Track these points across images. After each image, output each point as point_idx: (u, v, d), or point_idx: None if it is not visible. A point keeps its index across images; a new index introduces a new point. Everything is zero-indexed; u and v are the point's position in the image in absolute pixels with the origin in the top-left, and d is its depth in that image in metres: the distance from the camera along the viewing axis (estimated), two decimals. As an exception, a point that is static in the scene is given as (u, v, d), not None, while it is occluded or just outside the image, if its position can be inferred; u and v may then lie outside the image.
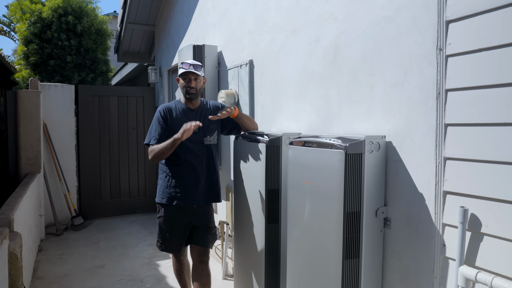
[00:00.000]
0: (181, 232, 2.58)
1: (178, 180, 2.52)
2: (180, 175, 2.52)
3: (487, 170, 1.46)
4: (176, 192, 2.51)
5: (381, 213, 1.85)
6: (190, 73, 2.49)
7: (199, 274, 2.59)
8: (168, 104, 2.62)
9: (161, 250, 2.65)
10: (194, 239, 2.59)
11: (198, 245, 2.58)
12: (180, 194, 2.51)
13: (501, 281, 1.35)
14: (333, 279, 1.80)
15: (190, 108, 2.59)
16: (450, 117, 1.59)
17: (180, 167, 2.52)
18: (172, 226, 2.57)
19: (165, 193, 2.55)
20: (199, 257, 2.59)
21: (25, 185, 3.79)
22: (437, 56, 1.62)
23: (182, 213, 2.55)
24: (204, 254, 2.61)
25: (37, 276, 3.62)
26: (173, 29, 5.36)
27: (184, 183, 2.51)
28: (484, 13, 1.45)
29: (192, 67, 2.49)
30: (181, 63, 2.54)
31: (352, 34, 2.08)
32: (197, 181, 2.53)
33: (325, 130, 2.31)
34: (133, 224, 5.50)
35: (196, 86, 2.52)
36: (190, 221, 2.57)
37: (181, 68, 2.53)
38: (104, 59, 6.47)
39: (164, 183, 2.56)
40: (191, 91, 2.51)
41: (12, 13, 6.19)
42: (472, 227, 1.52)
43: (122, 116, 5.97)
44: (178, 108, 2.57)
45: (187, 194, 2.51)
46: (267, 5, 2.93)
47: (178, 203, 2.51)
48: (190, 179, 2.52)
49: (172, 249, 2.63)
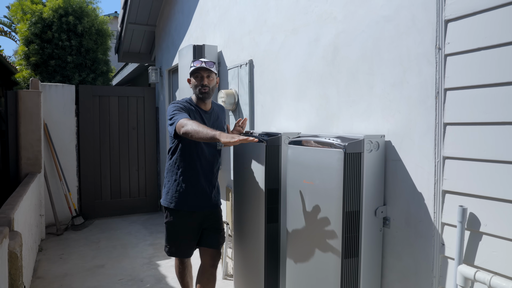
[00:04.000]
0: (192, 237, 2.48)
1: (189, 185, 2.40)
2: (191, 180, 2.40)
3: (486, 169, 1.46)
4: (186, 197, 2.40)
5: (380, 212, 1.85)
6: (202, 70, 2.34)
7: (207, 278, 2.48)
8: (180, 101, 2.42)
9: (170, 255, 2.55)
10: (205, 241, 2.49)
11: (210, 247, 2.48)
12: (191, 200, 2.41)
13: (500, 280, 1.35)
14: (332, 278, 1.81)
15: (204, 110, 2.44)
16: (449, 116, 1.59)
17: (192, 171, 2.40)
18: (182, 232, 2.46)
19: (174, 197, 2.42)
20: (211, 261, 2.50)
21: (26, 185, 3.80)
22: (436, 55, 1.62)
23: (192, 218, 2.45)
24: (216, 257, 2.52)
25: (37, 276, 3.62)
26: (174, 29, 5.37)
27: (195, 188, 2.41)
28: (483, 12, 1.45)
29: (204, 64, 2.34)
30: (192, 61, 2.41)
31: (351, 33, 2.08)
32: (208, 186, 2.45)
33: (324, 129, 2.31)
34: (133, 224, 5.50)
35: (209, 84, 2.37)
36: (200, 225, 2.48)
37: (192, 66, 2.39)
38: (104, 59, 6.48)
39: (173, 187, 2.43)
40: (204, 90, 2.36)
41: (13, 14, 6.21)
42: (471, 226, 1.51)
43: (123, 116, 5.98)
44: (192, 107, 2.40)
45: (197, 200, 2.42)
46: (267, 5, 2.93)
47: (188, 209, 2.41)
48: (201, 184, 2.42)
49: (184, 254, 2.52)
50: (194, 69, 2.36)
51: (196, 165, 2.40)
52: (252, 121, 3.22)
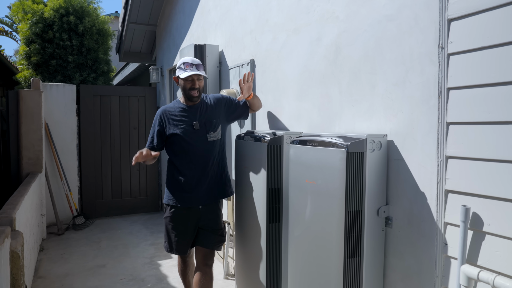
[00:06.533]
0: (187, 234, 2.53)
1: (182, 181, 2.48)
2: (184, 176, 2.48)
3: (489, 168, 1.45)
4: (181, 193, 2.48)
5: (383, 212, 1.84)
6: (194, 75, 2.41)
7: (202, 277, 2.50)
8: (166, 106, 2.59)
9: (167, 252, 2.61)
10: (199, 240, 2.54)
11: (203, 246, 2.52)
12: (185, 195, 2.48)
13: (504, 280, 1.35)
14: (335, 278, 1.80)
15: (189, 106, 2.52)
16: (451, 116, 1.58)
17: (184, 167, 2.48)
18: (178, 228, 2.52)
19: (169, 194, 2.52)
20: (204, 260, 2.52)
21: (27, 185, 3.80)
22: (438, 55, 1.62)
23: (187, 214, 2.51)
24: (209, 257, 2.54)
25: (39, 275, 3.62)
26: (175, 29, 5.36)
27: (189, 183, 2.47)
28: (486, 11, 1.44)
29: (194, 68, 2.40)
30: (182, 63, 2.44)
31: (353, 33, 2.08)
32: (203, 181, 2.49)
33: (326, 129, 2.31)
34: (135, 224, 5.50)
35: (200, 86, 2.45)
36: (196, 223, 2.53)
37: (180, 68, 2.42)
38: (105, 59, 6.48)
39: (170, 184, 2.54)
40: (194, 94, 2.45)
41: (14, 13, 6.21)
42: (474, 226, 1.51)
43: (124, 116, 5.98)
44: (176, 108, 2.52)
45: (192, 195, 2.48)
46: (269, 4, 2.93)
47: (183, 204, 2.48)
48: (195, 180, 2.48)
49: (178, 251, 2.57)
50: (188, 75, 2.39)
51: (186, 162, 2.48)
52: (253, 120, 3.22)
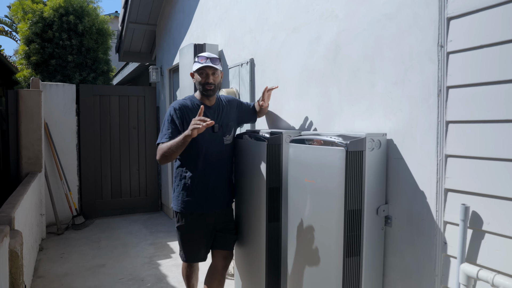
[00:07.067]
0: (205, 240, 2.44)
1: (198, 186, 2.34)
2: (200, 180, 2.34)
3: (489, 167, 1.45)
4: (196, 199, 2.35)
5: (382, 211, 1.84)
6: (208, 68, 2.29)
7: (218, 281, 2.43)
8: (182, 101, 2.38)
9: (185, 261, 2.49)
10: (218, 244, 2.45)
11: (224, 249, 2.44)
12: (201, 201, 2.36)
13: (503, 278, 1.35)
14: (334, 277, 1.80)
15: (207, 105, 2.37)
16: (451, 114, 1.58)
17: (200, 171, 2.34)
18: (195, 236, 2.41)
19: (183, 201, 2.36)
20: (224, 262, 2.46)
21: (26, 184, 3.79)
22: (438, 53, 1.62)
23: (204, 221, 2.40)
24: (229, 258, 2.49)
25: (38, 275, 3.62)
26: (174, 29, 5.36)
27: (205, 189, 2.36)
28: (486, 9, 1.44)
29: (209, 61, 2.29)
30: (197, 57, 2.35)
31: (352, 32, 2.08)
32: (218, 185, 2.40)
33: (326, 128, 2.31)
34: (134, 224, 5.50)
35: (214, 81, 2.32)
36: (213, 227, 2.44)
37: (196, 62, 2.33)
38: (105, 58, 6.48)
39: (182, 190, 2.37)
40: (209, 87, 2.31)
41: (13, 13, 6.21)
42: (474, 225, 1.51)
43: (123, 115, 5.97)
44: (194, 105, 2.35)
45: (208, 201, 2.37)
46: (268, 3, 2.92)
47: (200, 211, 2.36)
48: (211, 184, 2.36)
49: (197, 259, 2.47)
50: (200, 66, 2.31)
51: (202, 166, 2.35)
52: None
